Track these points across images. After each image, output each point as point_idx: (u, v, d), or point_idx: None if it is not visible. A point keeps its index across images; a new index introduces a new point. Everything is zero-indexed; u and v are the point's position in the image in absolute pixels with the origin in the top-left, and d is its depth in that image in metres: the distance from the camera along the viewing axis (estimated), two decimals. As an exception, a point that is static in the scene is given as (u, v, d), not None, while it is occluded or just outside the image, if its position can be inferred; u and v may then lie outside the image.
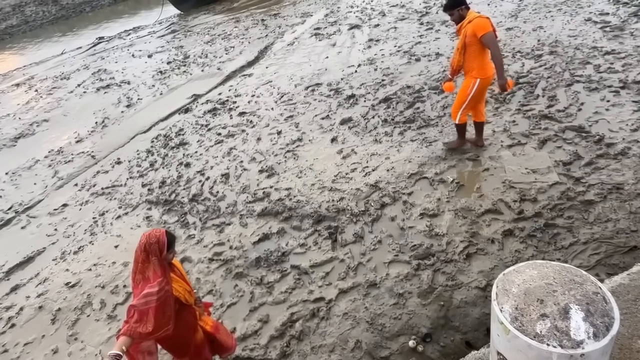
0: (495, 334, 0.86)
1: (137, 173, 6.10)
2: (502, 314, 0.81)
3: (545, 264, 0.86)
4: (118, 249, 4.71)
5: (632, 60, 5.60)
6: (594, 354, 0.74)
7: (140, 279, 2.38)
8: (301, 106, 6.75)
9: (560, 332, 0.76)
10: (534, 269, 0.85)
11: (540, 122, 4.91)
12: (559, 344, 0.75)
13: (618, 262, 3.25)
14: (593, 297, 0.79)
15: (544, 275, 0.84)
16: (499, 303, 0.83)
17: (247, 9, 14.45)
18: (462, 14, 4.12)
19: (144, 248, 2.36)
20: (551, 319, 0.77)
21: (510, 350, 0.82)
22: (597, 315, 0.76)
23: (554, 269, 0.84)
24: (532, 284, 0.82)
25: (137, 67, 10.86)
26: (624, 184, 3.85)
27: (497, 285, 0.87)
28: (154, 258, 2.35)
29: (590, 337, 0.75)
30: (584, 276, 0.82)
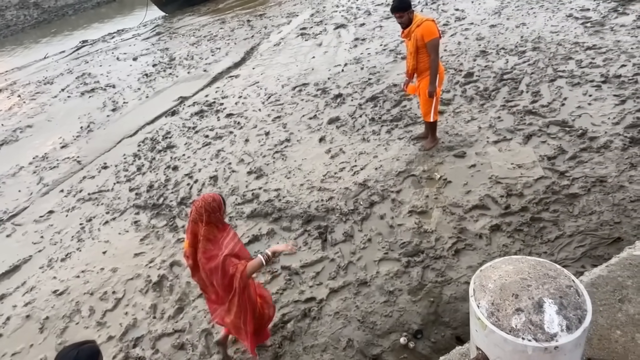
0: (473, 329, 0.88)
1: (124, 177, 6.04)
2: (479, 310, 0.82)
3: (521, 259, 0.88)
4: (106, 255, 4.66)
5: (613, 55, 5.71)
6: (568, 346, 0.76)
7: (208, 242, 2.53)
8: (288, 106, 6.74)
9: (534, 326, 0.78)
10: (510, 264, 0.87)
11: (524, 118, 4.98)
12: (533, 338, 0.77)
13: (603, 253, 3.31)
14: (566, 290, 0.80)
15: (519, 270, 0.85)
16: (476, 299, 0.84)
17: (232, 10, 14.39)
18: (410, 17, 4.16)
19: (206, 209, 2.50)
20: (526, 313, 0.79)
21: (488, 345, 0.83)
22: (570, 308, 0.78)
23: (529, 264, 0.86)
24: (507, 279, 0.83)
25: (122, 71, 10.75)
26: (607, 177, 3.92)
27: (474, 282, 0.88)
28: (216, 215, 2.54)
29: (564, 329, 0.76)
30: (557, 270, 0.83)
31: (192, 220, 2.57)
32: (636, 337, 1.37)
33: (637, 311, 1.45)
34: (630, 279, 1.56)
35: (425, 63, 4.31)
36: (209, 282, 2.70)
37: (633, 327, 1.40)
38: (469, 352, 1.48)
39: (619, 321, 1.41)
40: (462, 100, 5.64)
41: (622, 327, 1.41)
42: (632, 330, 1.40)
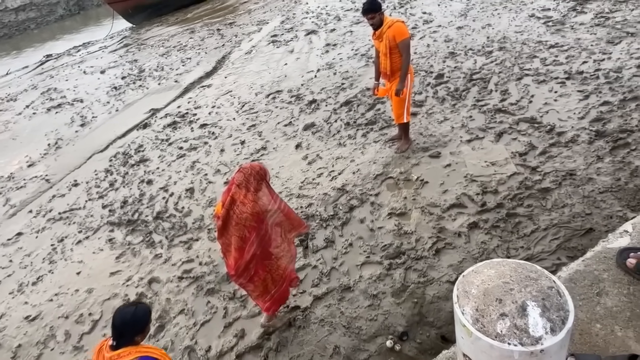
0: (459, 336, 0.87)
1: (97, 194, 5.86)
2: (464, 317, 0.82)
3: (502, 262, 0.89)
4: (80, 276, 4.49)
5: (574, 52, 5.93)
6: (553, 348, 0.77)
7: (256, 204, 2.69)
8: (263, 114, 6.70)
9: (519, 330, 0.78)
10: (492, 268, 0.87)
11: (495, 116, 5.10)
12: (519, 342, 0.77)
13: (577, 244, 3.40)
14: (548, 291, 0.81)
15: (501, 273, 0.86)
16: (460, 305, 0.84)
17: (201, 19, 14.26)
18: (381, 18, 4.22)
19: (255, 176, 2.68)
20: (510, 317, 0.79)
21: (475, 351, 0.83)
22: (553, 310, 0.79)
23: (510, 267, 0.86)
24: (490, 283, 0.84)
25: (89, 84, 10.47)
26: (576, 170, 4.05)
27: (457, 288, 0.88)
28: (262, 183, 2.71)
29: (548, 332, 0.77)
30: (538, 271, 0.84)
31: (237, 184, 2.69)
32: (615, 329, 1.40)
33: (614, 304, 1.49)
34: (606, 272, 1.61)
35: (397, 63, 4.36)
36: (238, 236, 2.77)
37: (612, 320, 1.44)
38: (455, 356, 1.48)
39: (598, 314, 1.44)
40: (434, 101, 5.74)
41: (602, 321, 1.44)
42: (612, 322, 1.43)
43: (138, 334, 2.08)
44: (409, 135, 4.98)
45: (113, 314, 2.09)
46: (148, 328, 2.15)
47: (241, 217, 2.70)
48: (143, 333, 2.12)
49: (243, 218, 2.70)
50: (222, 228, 2.82)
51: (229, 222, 2.77)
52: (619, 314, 1.46)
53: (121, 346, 2.02)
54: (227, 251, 2.91)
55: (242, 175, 2.70)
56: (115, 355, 2.00)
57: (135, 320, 2.06)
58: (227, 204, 2.74)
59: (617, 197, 3.68)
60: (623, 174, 3.88)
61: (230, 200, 2.73)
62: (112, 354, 2.01)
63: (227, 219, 2.76)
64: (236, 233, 2.77)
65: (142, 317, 2.09)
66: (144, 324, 2.10)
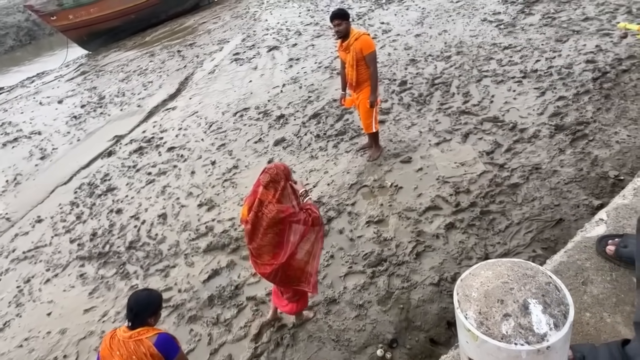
0: (464, 341, 0.87)
1: (63, 229, 5.60)
2: (468, 321, 0.82)
3: (497, 263, 0.90)
4: (52, 317, 4.25)
5: (527, 52, 6.21)
6: (558, 344, 0.78)
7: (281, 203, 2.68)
8: (232, 133, 6.64)
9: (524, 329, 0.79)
10: (489, 270, 0.88)
11: (460, 118, 5.25)
12: (525, 341, 0.78)
13: (549, 236, 3.52)
14: (546, 287, 0.83)
15: (499, 274, 0.87)
16: (462, 310, 0.84)
17: (160, 42, 14.07)
18: (347, 28, 4.28)
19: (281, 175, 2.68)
20: (514, 317, 0.80)
21: (481, 355, 0.84)
22: (554, 305, 0.80)
23: (506, 266, 0.88)
24: (489, 285, 0.84)
25: (47, 115, 10.07)
26: (541, 164, 4.21)
27: (457, 292, 0.89)
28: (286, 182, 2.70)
29: (552, 328, 0.78)
30: (534, 268, 0.86)
31: (264, 185, 2.67)
32: (604, 316, 1.44)
33: (600, 291, 1.53)
34: (588, 261, 1.66)
35: (364, 75, 4.42)
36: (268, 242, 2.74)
37: (600, 307, 1.48)
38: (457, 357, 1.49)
39: (586, 303, 1.48)
40: (400, 108, 5.85)
41: (590, 309, 1.48)
42: (600, 310, 1.47)
43: (152, 316, 2.25)
44: (379, 143, 5.05)
45: (128, 299, 2.26)
46: (160, 312, 2.34)
47: (272, 218, 2.66)
48: (156, 315, 2.29)
49: (274, 219, 2.66)
50: (252, 232, 2.76)
51: (259, 225, 2.72)
52: (606, 300, 1.51)
53: (137, 327, 2.18)
54: (259, 255, 2.83)
55: (268, 175, 2.69)
56: (135, 333, 2.14)
57: (149, 302, 2.24)
58: (256, 206, 2.70)
59: (581, 187, 3.84)
60: (584, 164, 4.06)
61: (258, 203, 2.69)
62: (131, 333, 2.15)
63: (257, 221, 2.71)
64: (269, 235, 2.72)
65: (155, 300, 2.28)
66: (157, 306, 2.28)
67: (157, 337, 2.15)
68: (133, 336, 2.13)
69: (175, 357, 2.19)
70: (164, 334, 2.19)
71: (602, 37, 6.00)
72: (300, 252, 2.80)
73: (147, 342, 2.13)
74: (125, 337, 2.15)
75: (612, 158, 4.03)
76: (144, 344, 2.12)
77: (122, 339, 2.15)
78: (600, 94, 4.90)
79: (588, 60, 5.56)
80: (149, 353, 2.11)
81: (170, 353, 2.18)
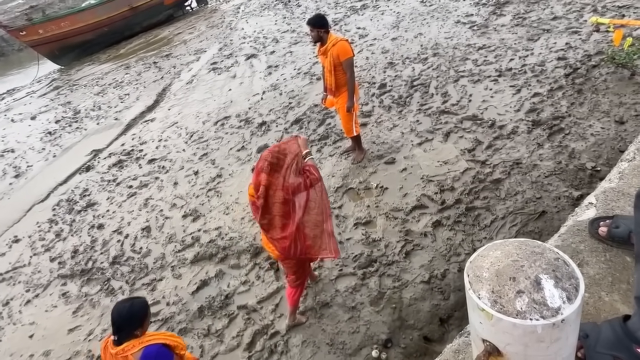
0: (477, 322, 0.88)
1: (42, 247, 5.42)
2: (481, 301, 0.83)
3: (505, 243, 0.91)
4: (34, 339, 4.10)
5: (501, 51, 6.37)
6: (572, 317, 0.79)
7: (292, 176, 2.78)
8: (214, 142, 6.58)
9: (538, 304, 0.80)
10: (497, 250, 0.89)
11: (440, 117, 5.33)
12: (540, 316, 0.79)
13: (533, 228, 3.59)
14: (556, 263, 0.84)
15: (508, 253, 0.88)
16: (474, 291, 0.85)
17: (135, 54, 13.89)
18: (321, 36, 4.33)
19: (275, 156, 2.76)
20: (527, 293, 0.81)
21: (496, 333, 0.84)
22: (565, 279, 0.82)
23: (514, 245, 0.89)
24: (500, 264, 0.85)
25: (19, 133, 9.79)
26: (521, 159, 4.31)
27: (467, 274, 0.89)
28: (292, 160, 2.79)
29: (565, 301, 0.79)
30: (541, 246, 0.87)
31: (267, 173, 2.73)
32: (602, 295, 1.48)
33: (596, 272, 1.57)
34: (582, 244, 1.70)
35: (341, 80, 4.47)
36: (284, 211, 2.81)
37: (597, 287, 1.51)
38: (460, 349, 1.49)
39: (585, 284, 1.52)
40: (381, 110, 5.91)
41: (588, 289, 1.51)
42: (597, 290, 1.51)
43: (137, 328, 2.10)
44: (362, 145, 5.08)
45: (111, 311, 2.12)
46: (147, 322, 2.17)
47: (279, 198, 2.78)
48: (142, 327, 2.13)
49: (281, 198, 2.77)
50: (264, 207, 2.82)
51: (269, 202, 2.81)
52: (602, 280, 1.54)
53: (123, 341, 2.07)
54: (270, 228, 2.89)
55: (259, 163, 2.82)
56: (120, 350, 2.04)
57: (132, 315, 2.08)
58: (262, 192, 2.78)
59: (561, 179, 3.94)
60: (562, 157, 4.17)
61: (264, 190, 2.77)
62: (117, 350, 2.05)
63: (268, 197, 2.80)
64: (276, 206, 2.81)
65: (138, 311, 2.11)
66: (141, 318, 2.12)
67: (142, 353, 2.03)
68: (119, 353, 2.04)
69: None
70: (150, 347, 2.06)
71: (571, 35, 6.20)
72: (310, 215, 2.89)
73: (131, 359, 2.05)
74: (113, 353, 2.07)
75: (589, 150, 4.16)
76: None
77: (111, 352, 2.08)
78: (573, 89, 5.05)
79: (559, 57, 5.74)
80: None
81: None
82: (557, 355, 0.87)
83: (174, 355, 2.14)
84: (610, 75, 5.06)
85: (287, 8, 13.21)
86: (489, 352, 0.85)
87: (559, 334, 0.81)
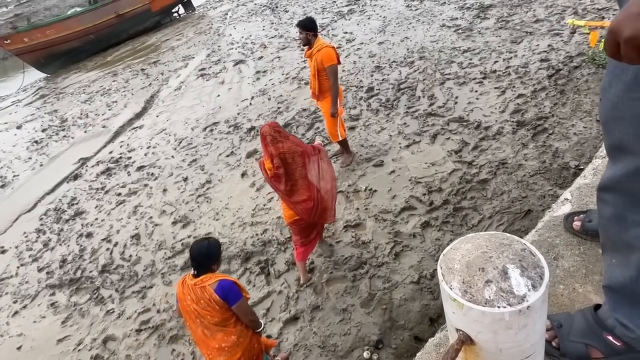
0: (450, 312, 0.91)
1: (30, 257, 5.36)
2: (453, 291, 0.86)
3: (476, 236, 0.95)
4: (22, 350, 4.05)
5: (485, 54, 6.49)
6: (537, 303, 0.83)
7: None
8: (203, 148, 6.58)
9: (505, 293, 0.83)
10: (468, 243, 0.93)
11: (427, 120, 5.40)
12: (507, 304, 0.82)
13: (520, 227, 3.65)
14: (522, 253, 0.88)
15: (478, 245, 0.91)
16: (447, 282, 0.88)
17: (122, 61, 13.83)
18: (309, 39, 4.39)
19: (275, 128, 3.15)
20: (495, 282, 0.84)
21: (468, 322, 0.87)
22: (530, 269, 0.85)
23: (484, 238, 0.93)
24: (470, 256, 0.89)
25: (5, 142, 9.69)
26: (507, 159, 4.38)
27: (440, 267, 0.92)
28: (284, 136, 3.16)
29: (530, 289, 0.83)
30: (509, 238, 0.91)
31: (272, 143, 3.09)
32: (576, 287, 1.52)
33: (570, 264, 1.61)
34: (558, 238, 1.74)
35: (324, 85, 4.51)
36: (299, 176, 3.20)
37: (571, 279, 1.56)
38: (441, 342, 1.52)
39: (559, 277, 1.56)
40: (369, 114, 5.97)
41: (563, 281, 1.56)
42: (572, 282, 1.55)
43: (214, 263, 2.43)
44: (349, 149, 5.12)
45: (190, 250, 2.43)
46: (220, 258, 2.51)
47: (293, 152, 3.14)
48: (218, 262, 2.48)
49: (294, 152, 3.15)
50: (287, 173, 3.16)
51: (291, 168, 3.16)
52: (576, 272, 1.59)
53: (201, 274, 2.38)
54: (294, 193, 3.22)
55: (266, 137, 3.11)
56: (199, 281, 2.34)
57: (210, 251, 2.40)
58: (277, 160, 3.09)
59: (546, 178, 4.02)
60: (547, 156, 4.25)
61: (278, 155, 3.09)
62: (195, 281, 2.35)
63: (287, 164, 3.14)
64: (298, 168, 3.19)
65: (215, 248, 2.44)
66: (217, 255, 2.45)
67: (218, 284, 2.33)
68: (197, 283, 2.33)
69: (236, 303, 2.35)
70: (224, 281, 2.36)
71: (553, 37, 6.34)
72: (325, 182, 3.33)
73: (209, 289, 2.32)
74: (191, 284, 2.35)
75: (572, 149, 4.24)
76: (207, 290, 2.32)
77: (190, 284, 2.36)
78: (556, 89, 5.16)
79: (542, 59, 5.85)
80: (211, 299, 2.31)
81: (229, 298, 2.33)
82: (526, 341, 0.90)
83: (243, 294, 2.42)
84: (592, 76, 5.18)
85: (274, 14, 13.28)
86: (462, 341, 0.88)
87: (525, 321, 0.85)
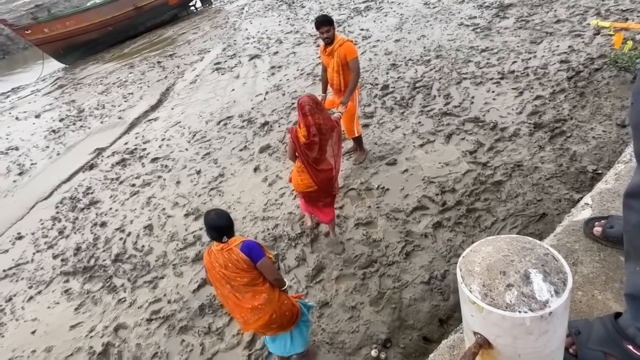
0: (468, 315, 0.90)
1: (45, 244, 5.46)
2: (473, 294, 0.85)
3: (497, 239, 0.93)
4: (36, 335, 4.13)
5: (504, 54, 6.39)
6: (559, 309, 0.81)
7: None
8: (216, 142, 6.61)
9: (527, 297, 0.82)
10: (489, 245, 0.91)
11: (442, 119, 5.35)
12: (529, 309, 0.81)
13: (534, 230, 3.60)
14: (545, 258, 0.86)
15: (499, 248, 0.90)
16: (466, 285, 0.87)
17: (139, 53, 13.96)
18: (334, 34, 4.33)
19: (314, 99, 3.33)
20: (516, 287, 0.83)
21: (486, 326, 0.86)
22: (553, 274, 0.84)
23: (505, 241, 0.91)
24: (491, 259, 0.87)
25: (24, 130, 9.85)
26: (523, 161, 4.32)
27: (460, 269, 0.91)
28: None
29: (553, 294, 0.81)
30: (532, 242, 0.89)
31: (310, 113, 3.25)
32: (595, 293, 1.49)
33: (589, 271, 1.58)
34: (577, 243, 1.71)
35: (347, 80, 4.47)
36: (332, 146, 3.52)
37: (591, 286, 1.53)
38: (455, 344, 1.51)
39: (578, 283, 1.53)
40: (383, 112, 5.93)
41: (582, 288, 1.53)
42: (591, 288, 1.52)
43: (232, 225, 2.60)
44: (363, 146, 5.10)
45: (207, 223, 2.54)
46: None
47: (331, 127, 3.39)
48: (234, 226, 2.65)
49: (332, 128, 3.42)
50: (321, 143, 3.36)
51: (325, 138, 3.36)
52: (596, 279, 1.56)
53: (227, 239, 2.56)
54: (320, 162, 3.47)
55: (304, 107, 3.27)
56: (225, 245, 2.53)
57: (229, 218, 2.58)
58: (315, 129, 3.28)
59: (562, 182, 3.95)
60: (564, 159, 4.18)
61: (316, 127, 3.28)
62: (221, 245, 2.53)
63: (322, 134, 3.33)
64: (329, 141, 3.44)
65: (227, 214, 2.60)
66: (230, 218, 2.61)
67: (242, 243, 2.52)
68: (224, 247, 2.51)
69: (260, 260, 2.51)
70: (247, 241, 2.55)
71: (574, 38, 6.21)
72: (337, 155, 3.62)
73: (235, 250, 2.50)
74: (218, 249, 2.52)
75: (590, 153, 4.17)
76: (234, 251, 2.49)
77: (216, 251, 2.53)
78: (575, 92, 5.06)
79: (562, 60, 5.74)
80: (239, 259, 2.48)
81: (253, 255, 2.50)
82: (546, 348, 0.89)
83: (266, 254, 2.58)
84: (613, 79, 5.07)
85: (290, 9, 13.26)
86: (479, 345, 0.87)
87: (547, 327, 0.83)
